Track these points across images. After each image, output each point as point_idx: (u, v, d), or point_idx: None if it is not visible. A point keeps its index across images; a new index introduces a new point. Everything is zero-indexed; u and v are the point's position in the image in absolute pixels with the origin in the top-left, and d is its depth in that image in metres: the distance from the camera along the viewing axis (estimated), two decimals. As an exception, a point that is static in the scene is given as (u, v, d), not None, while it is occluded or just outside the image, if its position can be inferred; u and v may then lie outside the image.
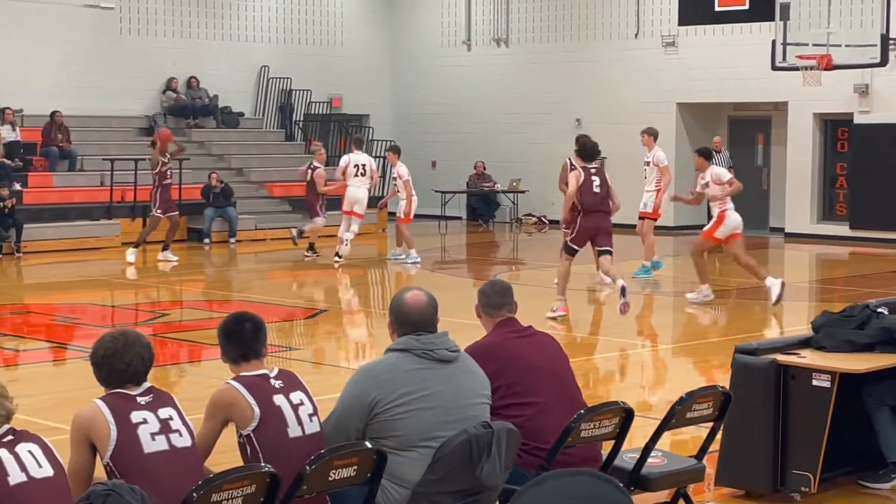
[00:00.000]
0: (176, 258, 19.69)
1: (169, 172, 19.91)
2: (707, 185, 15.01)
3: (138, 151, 23.53)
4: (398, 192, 19.78)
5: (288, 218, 24.30)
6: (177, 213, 20.18)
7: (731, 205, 14.99)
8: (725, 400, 6.06)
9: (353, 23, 28.87)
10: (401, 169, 19.76)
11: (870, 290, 15.22)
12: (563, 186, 14.24)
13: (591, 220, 13.57)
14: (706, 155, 15.40)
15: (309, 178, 20.18)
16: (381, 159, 26.88)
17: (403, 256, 19.55)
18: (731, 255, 15.43)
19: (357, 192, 19.40)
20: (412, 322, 5.33)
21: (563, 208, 13.89)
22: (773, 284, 14.68)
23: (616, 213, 14.51)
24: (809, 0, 21.26)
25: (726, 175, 15.17)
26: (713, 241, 15.17)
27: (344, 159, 19.95)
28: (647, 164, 17.84)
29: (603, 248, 13.72)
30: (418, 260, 19.27)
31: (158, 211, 19.75)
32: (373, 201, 24.98)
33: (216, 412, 5.07)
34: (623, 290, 13.14)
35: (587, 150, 13.77)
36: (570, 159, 14.04)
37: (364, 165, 19.64)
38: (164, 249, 19.87)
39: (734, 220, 14.98)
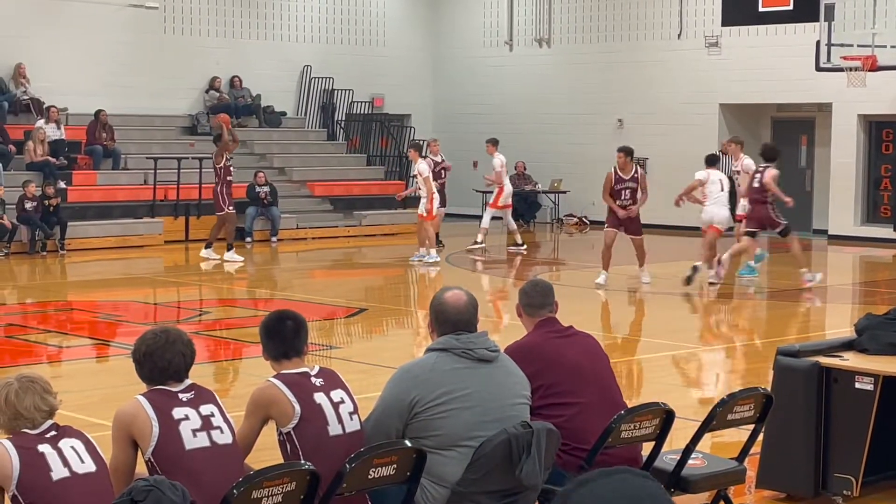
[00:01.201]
0: (218, 257, 19.76)
1: (232, 169, 19.93)
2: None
3: (181, 150, 23.69)
4: (419, 189, 19.78)
5: (329, 217, 24.38)
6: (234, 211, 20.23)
7: (710, 200, 17.32)
8: (767, 402, 6.02)
9: (394, 23, 28.91)
10: (421, 166, 19.76)
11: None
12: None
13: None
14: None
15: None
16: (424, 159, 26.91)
17: (425, 257, 19.44)
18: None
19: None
20: (452, 321, 5.33)
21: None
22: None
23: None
24: (854, 0, 21.11)
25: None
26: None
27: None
28: (737, 173, 17.76)
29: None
30: (437, 259, 19.23)
31: (230, 208, 19.78)
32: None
33: (257, 410, 5.09)
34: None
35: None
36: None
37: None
38: (228, 249, 19.86)
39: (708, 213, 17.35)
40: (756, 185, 16.62)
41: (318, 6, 27.63)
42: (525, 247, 21.35)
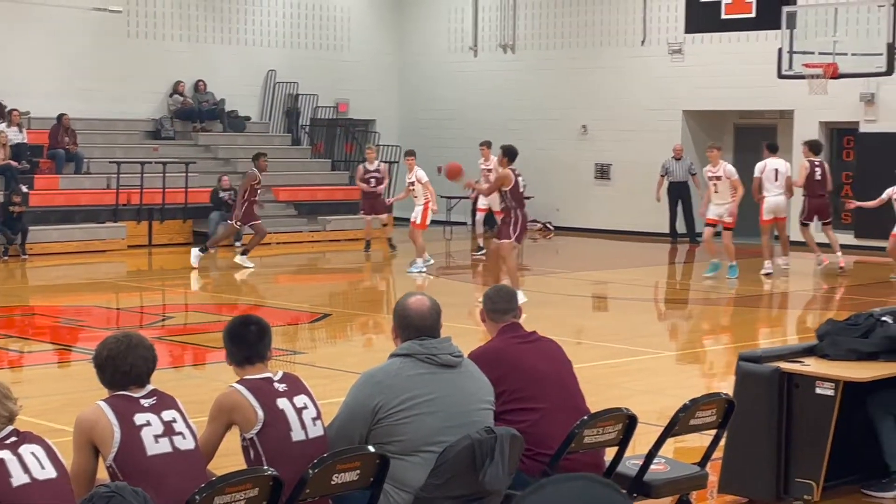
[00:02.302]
0: (252, 264, 19.68)
1: (259, 191, 20.28)
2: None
3: (144, 154, 23.59)
4: (414, 195, 19.88)
5: (293, 222, 24.33)
6: (261, 221, 20.23)
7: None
8: (729, 407, 6.06)
9: (359, 28, 28.89)
10: (419, 173, 19.96)
11: (874, 298, 15.21)
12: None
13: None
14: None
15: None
16: (389, 164, 26.92)
17: (422, 266, 19.37)
18: None
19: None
20: (415, 327, 5.34)
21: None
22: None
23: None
24: (816, 9, 21.28)
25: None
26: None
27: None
28: (718, 178, 18.03)
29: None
30: (423, 269, 19.21)
31: (239, 223, 19.89)
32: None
33: (220, 415, 5.07)
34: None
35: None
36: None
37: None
38: (244, 254, 19.82)
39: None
40: (818, 178, 19.19)
41: (282, 11, 27.59)
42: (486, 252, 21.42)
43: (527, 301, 14.53)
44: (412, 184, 20.10)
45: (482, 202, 21.36)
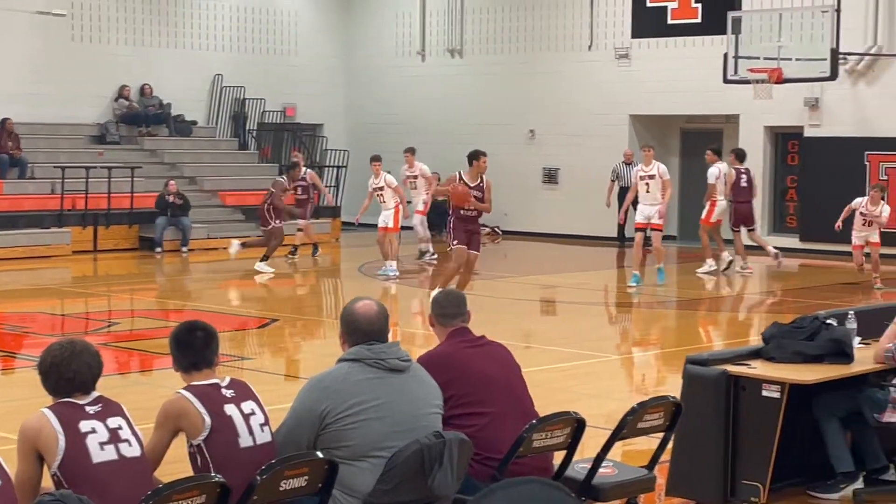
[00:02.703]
0: (272, 270, 19.60)
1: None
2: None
3: (89, 159, 23.39)
4: (383, 201, 19.93)
5: (241, 227, 24.21)
6: (281, 227, 20.29)
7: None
8: (676, 410, 6.08)
9: (307, 32, 28.82)
10: (388, 178, 20.06)
11: (819, 301, 15.36)
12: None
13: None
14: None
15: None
16: (336, 169, 26.86)
17: (389, 271, 19.23)
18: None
19: None
20: (363, 331, 5.33)
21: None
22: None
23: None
24: (761, 14, 21.46)
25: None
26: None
27: None
28: (651, 177, 18.04)
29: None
30: (396, 274, 19.12)
31: (277, 221, 20.00)
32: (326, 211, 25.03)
33: (166, 422, 5.03)
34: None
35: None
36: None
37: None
38: (263, 260, 19.75)
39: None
40: (743, 185, 19.69)
41: (228, 14, 27.46)
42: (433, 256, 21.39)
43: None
44: (380, 189, 19.97)
45: (420, 205, 21.14)
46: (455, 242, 15.26)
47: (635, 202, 18.65)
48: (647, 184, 18.10)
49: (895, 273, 18.71)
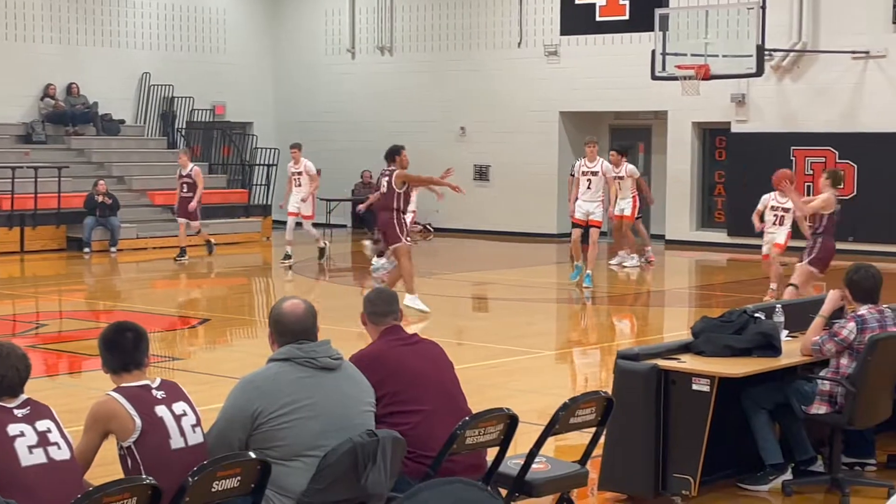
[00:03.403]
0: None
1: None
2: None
3: (15, 159, 23.07)
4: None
5: (170, 226, 24.00)
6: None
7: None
8: (608, 405, 6.12)
9: (235, 29, 28.64)
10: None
11: (747, 295, 15.52)
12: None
13: None
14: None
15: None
16: (266, 167, 26.73)
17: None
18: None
19: None
20: (292, 331, 5.32)
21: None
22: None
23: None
24: (688, 11, 21.66)
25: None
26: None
27: None
28: (595, 174, 17.82)
29: None
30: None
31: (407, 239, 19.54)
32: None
33: (96, 424, 4.98)
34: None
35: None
36: None
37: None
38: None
39: None
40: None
41: (156, 12, 27.22)
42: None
43: (429, 311, 14.55)
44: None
45: (293, 205, 20.41)
46: (408, 239, 15.10)
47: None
48: (589, 180, 17.80)
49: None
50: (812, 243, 13.60)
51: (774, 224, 15.84)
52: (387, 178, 14.92)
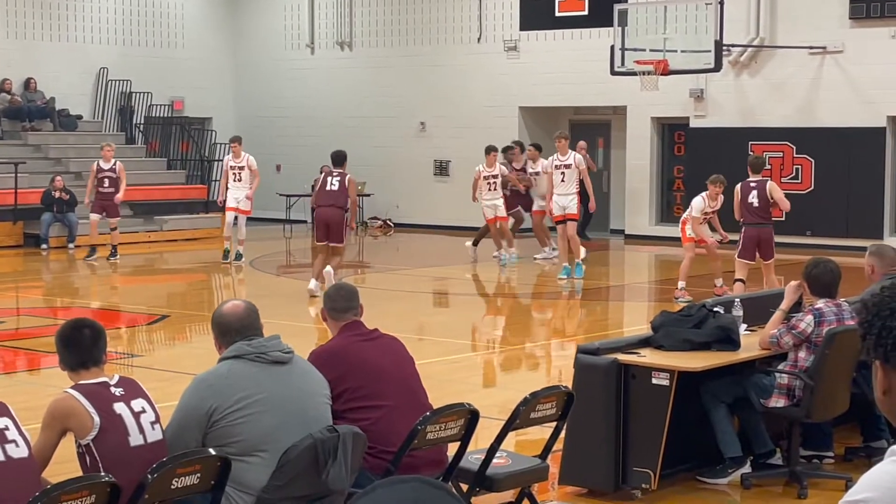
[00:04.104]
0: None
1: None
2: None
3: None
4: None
5: (129, 222, 23.87)
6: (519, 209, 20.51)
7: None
8: (568, 399, 6.14)
9: (193, 24, 28.49)
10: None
11: (706, 290, 15.59)
12: None
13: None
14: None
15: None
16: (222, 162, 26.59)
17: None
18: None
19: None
20: (236, 329, 5.33)
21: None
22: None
23: None
24: (647, 6, 21.73)
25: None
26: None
27: None
28: (567, 167, 17.79)
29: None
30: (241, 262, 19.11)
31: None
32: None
33: (54, 422, 4.95)
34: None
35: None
36: None
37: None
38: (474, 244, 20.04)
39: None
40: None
41: (113, 7, 27.03)
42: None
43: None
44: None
45: (232, 201, 19.64)
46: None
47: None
48: (562, 173, 17.81)
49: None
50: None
51: (701, 224, 15.59)
52: (338, 179, 15.62)
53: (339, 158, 15.98)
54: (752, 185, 14.44)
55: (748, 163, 14.98)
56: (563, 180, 17.78)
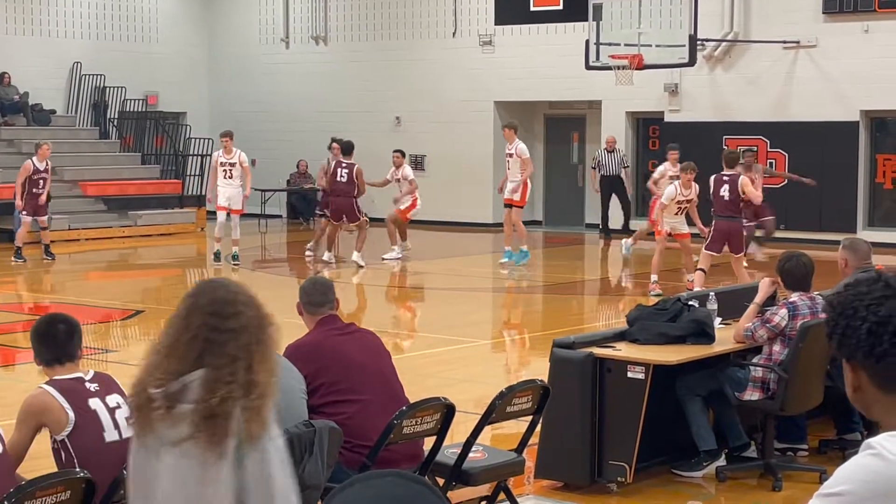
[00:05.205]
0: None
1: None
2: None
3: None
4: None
5: (103, 217, 23.80)
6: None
7: None
8: (544, 393, 6.16)
9: (168, 18, 28.38)
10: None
11: (681, 283, 15.65)
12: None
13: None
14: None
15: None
16: (200, 157, 26.52)
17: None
18: None
19: None
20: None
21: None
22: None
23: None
24: (621, 1, 21.75)
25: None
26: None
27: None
28: (511, 155, 18.29)
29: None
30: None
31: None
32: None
33: (28, 418, 4.93)
34: None
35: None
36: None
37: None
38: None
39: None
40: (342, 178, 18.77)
41: (87, 1, 26.90)
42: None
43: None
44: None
45: (223, 199, 19.16)
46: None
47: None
48: (507, 161, 18.51)
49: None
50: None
51: (677, 214, 15.52)
52: (346, 172, 18.08)
53: (347, 148, 18.26)
54: (725, 178, 14.54)
55: (723, 156, 15.12)
56: (507, 168, 18.45)
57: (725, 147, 19.91)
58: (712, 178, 14.73)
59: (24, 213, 19.21)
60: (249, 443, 3.43)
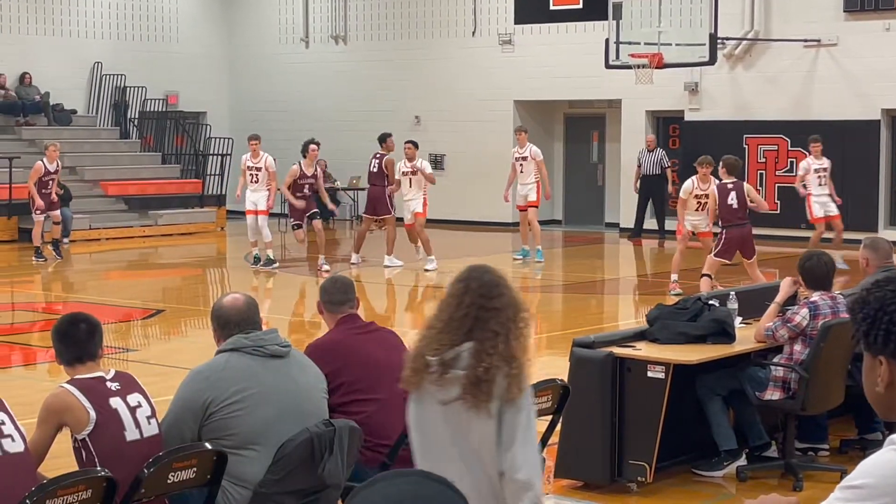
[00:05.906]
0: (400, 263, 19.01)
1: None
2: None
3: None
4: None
5: (123, 217, 23.88)
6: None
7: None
8: (564, 393, 6.14)
9: (188, 18, 28.45)
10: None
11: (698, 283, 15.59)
12: None
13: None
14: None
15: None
16: (220, 157, 26.58)
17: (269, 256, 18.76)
18: None
19: None
20: (234, 322, 5.32)
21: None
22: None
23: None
24: (641, 0, 21.71)
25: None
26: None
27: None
28: (524, 159, 18.79)
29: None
30: (271, 265, 18.66)
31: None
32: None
33: (50, 417, 4.95)
34: None
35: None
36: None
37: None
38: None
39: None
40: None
41: (108, 1, 26.99)
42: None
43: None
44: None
45: (250, 203, 18.81)
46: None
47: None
48: (521, 165, 18.82)
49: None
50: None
51: (697, 210, 15.24)
52: (377, 161, 18.69)
53: (380, 138, 19.06)
54: (730, 186, 14.27)
55: (725, 164, 14.53)
56: (521, 171, 18.86)
57: (729, 155, 19.79)
58: (715, 188, 14.49)
59: (37, 211, 19.41)
60: (509, 403, 4.28)
